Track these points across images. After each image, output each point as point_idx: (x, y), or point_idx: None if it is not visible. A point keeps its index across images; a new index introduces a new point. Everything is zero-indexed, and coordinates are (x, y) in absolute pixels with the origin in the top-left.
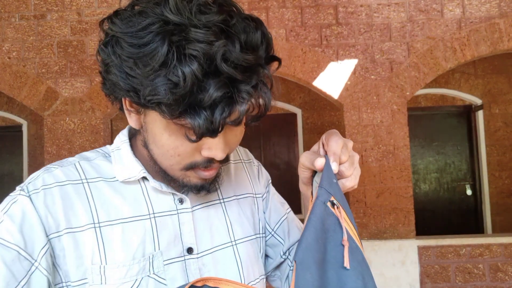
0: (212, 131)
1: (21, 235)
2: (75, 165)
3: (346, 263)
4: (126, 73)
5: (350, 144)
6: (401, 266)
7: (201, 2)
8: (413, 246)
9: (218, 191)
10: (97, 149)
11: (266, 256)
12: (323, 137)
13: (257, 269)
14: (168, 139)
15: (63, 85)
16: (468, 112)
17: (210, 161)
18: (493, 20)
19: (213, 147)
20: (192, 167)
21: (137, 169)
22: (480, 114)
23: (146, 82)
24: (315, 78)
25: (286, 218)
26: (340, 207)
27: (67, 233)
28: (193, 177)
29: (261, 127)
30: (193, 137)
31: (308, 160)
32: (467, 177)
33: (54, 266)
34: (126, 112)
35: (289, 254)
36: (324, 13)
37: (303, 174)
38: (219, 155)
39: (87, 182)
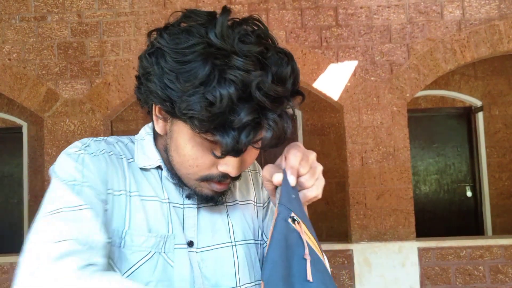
0: (237, 151)
1: (103, 185)
2: (114, 145)
3: (309, 277)
4: (166, 84)
5: (312, 155)
6: (401, 268)
7: (243, 31)
8: (413, 247)
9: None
10: (126, 136)
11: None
12: (285, 150)
13: (253, 273)
14: (190, 150)
15: (63, 86)
16: (468, 113)
17: (224, 176)
18: (492, 22)
19: (230, 164)
20: (207, 179)
21: (155, 158)
22: (480, 116)
23: (184, 97)
24: (315, 79)
25: None
26: (301, 222)
27: (109, 193)
28: (206, 188)
29: None
30: (218, 154)
31: (269, 173)
32: (467, 178)
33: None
34: (154, 117)
35: None
36: (324, 15)
37: (266, 186)
38: (234, 172)
39: (126, 158)
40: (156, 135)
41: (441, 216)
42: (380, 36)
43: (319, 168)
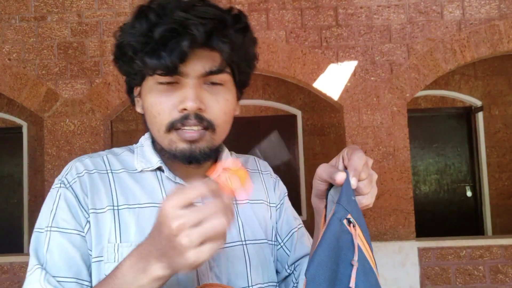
0: (168, 68)
1: (75, 221)
2: (103, 158)
3: (352, 283)
4: (121, 49)
5: (370, 162)
6: (401, 268)
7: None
8: (413, 247)
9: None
10: (125, 146)
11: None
12: (345, 151)
13: (266, 273)
14: (149, 99)
15: (63, 86)
16: (468, 113)
17: (186, 117)
18: (493, 22)
19: (184, 98)
20: (172, 125)
21: (155, 160)
22: (480, 116)
23: (125, 42)
24: (315, 79)
25: (296, 231)
26: (357, 226)
27: (92, 213)
28: (178, 141)
29: (261, 128)
30: (157, 77)
31: (326, 173)
32: (467, 178)
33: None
34: (135, 101)
35: (294, 269)
36: (324, 15)
37: (318, 186)
38: (189, 104)
39: (112, 172)
40: (154, 140)
41: (441, 216)
42: (380, 36)
43: (375, 176)
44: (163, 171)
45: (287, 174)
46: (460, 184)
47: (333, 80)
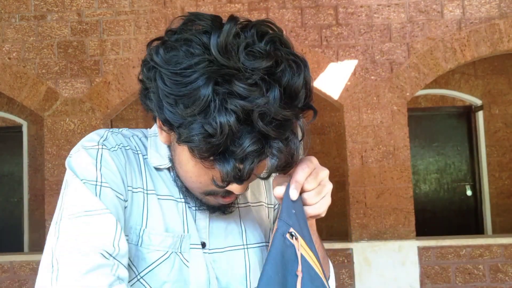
0: (239, 180)
1: (122, 182)
2: (130, 139)
3: None
4: (164, 107)
5: (323, 173)
6: (401, 267)
7: (250, 40)
8: (413, 246)
9: None
10: (139, 129)
11: None
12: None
13: None
14: (192, 168)
15: (63, 85)
16: (468, 112)
17: (229, 192)
18: (493, 21)
19: (234, 188)
20: (211, 194)
21: (168, 158)
22: (480, 115)
23: (183, 125)
24: (315, 78)
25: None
26: (299, 237)
27: (129, 190)
28: (212, 201)
29: None
30: (219, 182)
31: (276, 184)
32: (467, 177)
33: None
34: (158, 128)
35: None
36: (324, 14)
37: (275, 196)
38: (238, 192)
39: (141, 154)
40: None
41: (441, 215)
42: (380, 35)
43: (328, 186)
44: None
45: None
46: (460, 183)
47: (333, 79)
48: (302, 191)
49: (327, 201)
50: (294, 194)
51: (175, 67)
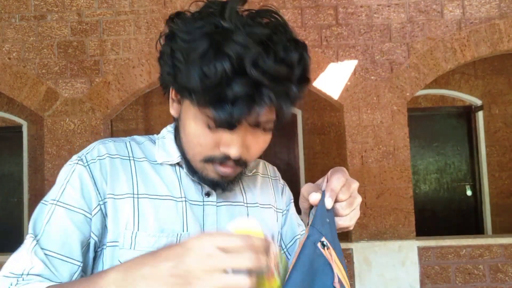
0: (229, 124)
1: (83, 200)
2: (126, 144)
3: None
4: (173, 63)
5: (355, 185)
6: (401, 267)
7: (252, 15)
8: (413, 246)
9: (244, 196)
10: (146, 135)
11: None
12: (329, 172)
13: None
14: (194, 128)
15: (63, 85)
16: (468, 112)
17: (226, 158)
18: (493, 21)
19: (230, 144)
20: (210, 160)
21: (176, 155)
22: (480, 115)
23: (184, 71)
24: (315, 78)
25: (299, 238)
26: (331, 249)
27: (109, 198)
28: (211, 171)
29: None
30: (213, 125)
31: (307, 192)
32: (467, 177)
33: (105, 227)
34: (170, 101)
35: None
36: (324, 14)
37: (302, 204)
38: (233, 151)
39: (134, 159)
40: (177, 134)
41: (441, 215)
42: (380, 35)
43: (358, 199)
44: (182, 166)
45: (287, 173)
46: (460, 183)
47: (333, 79)
48: (335, 201)
49: (357, 213)
50: (329, 203)
51: (186, 27)
